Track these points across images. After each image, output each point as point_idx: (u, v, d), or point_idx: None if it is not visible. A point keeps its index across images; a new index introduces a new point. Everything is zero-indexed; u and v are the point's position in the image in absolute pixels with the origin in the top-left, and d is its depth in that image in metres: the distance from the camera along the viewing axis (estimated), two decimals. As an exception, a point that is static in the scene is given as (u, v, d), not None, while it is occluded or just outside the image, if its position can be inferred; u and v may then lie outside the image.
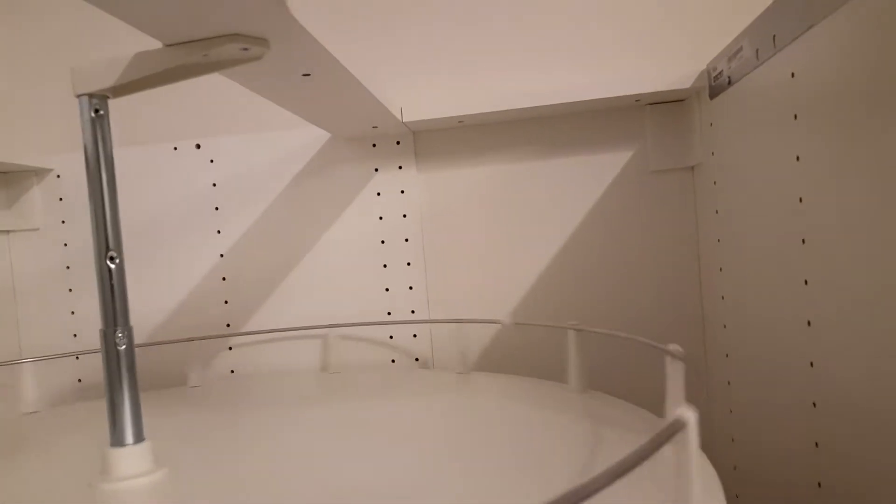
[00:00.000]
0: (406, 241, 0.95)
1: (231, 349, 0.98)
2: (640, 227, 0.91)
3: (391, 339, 0.96)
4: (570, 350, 0.70)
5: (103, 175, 0.48)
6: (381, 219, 0.96)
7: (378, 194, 0.95)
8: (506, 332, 0.93)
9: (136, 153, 0.99)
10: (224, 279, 0.98)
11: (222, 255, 0.98)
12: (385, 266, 0.96)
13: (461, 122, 0.90)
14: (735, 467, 0.80)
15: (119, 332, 0.48)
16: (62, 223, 1.00)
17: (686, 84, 0.81)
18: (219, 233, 0.98)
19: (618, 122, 0.91)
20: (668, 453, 0.34)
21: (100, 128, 0.49)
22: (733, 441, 0.80)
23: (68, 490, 0.53)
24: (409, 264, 0.95)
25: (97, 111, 0.49)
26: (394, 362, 0.96)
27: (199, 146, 0.98)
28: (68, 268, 1.00)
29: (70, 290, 1.00)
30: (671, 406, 0.53)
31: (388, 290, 0.96)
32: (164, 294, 0.99)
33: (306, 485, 0.50)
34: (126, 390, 0.48)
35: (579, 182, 0.92)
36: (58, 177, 1.00)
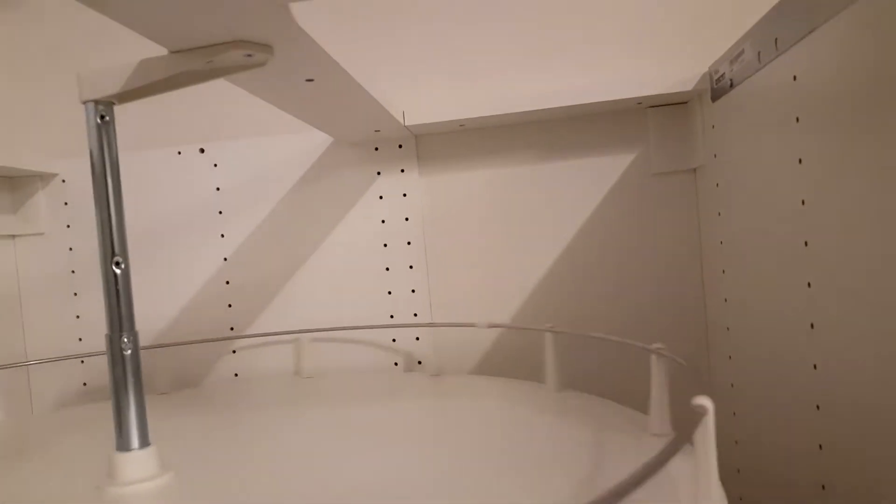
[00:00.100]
0: (408, 244, 0.95)
1: (234, 352, 0.99)
2: (642, 229, 0.91)
3: (394, 342, 0.96)
4: (547, 352, 0.74)
5: (109, 181, 0.49)
6: (383, 222, 0.96)
7: (380, 198, 0.96)
8: (507, 334, 0.94)
9: (141, 158, 0.99)
10: (227, 283, 0.98)
11: (226, 259, 0.98)
12: (387, 269, 0.96)
13: (463, 125, 0.91)
14: (739, 470, 0.80)
15: (125, 338, 0.49)
16: (67, 227, 1.00)
17: (688, 87, 0.81)
18: (222, 236, 0.98)
19: (620, 124, 0.91)
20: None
21: (105, 134, 0.49)
22: (737, 443, 0.80)
23: (75, 494, 0.53)
24: (411, 267, 0.95)
25: (103, 117, 0.49)
26: (396, 365, 0.96)
27: (202, 150, 0.99)
28: (73, 272, 1.00)
29: (75, 295, 1.00)
30: (656, 403, 0.55)
31: (390, 294, 0.96)
32: (168, 297, 0.99)
33: (310, 487, 0.50)
34: (132, 395, 0.49)
35: (581, 185, 0.92)
36: (63, 181, 1.00)
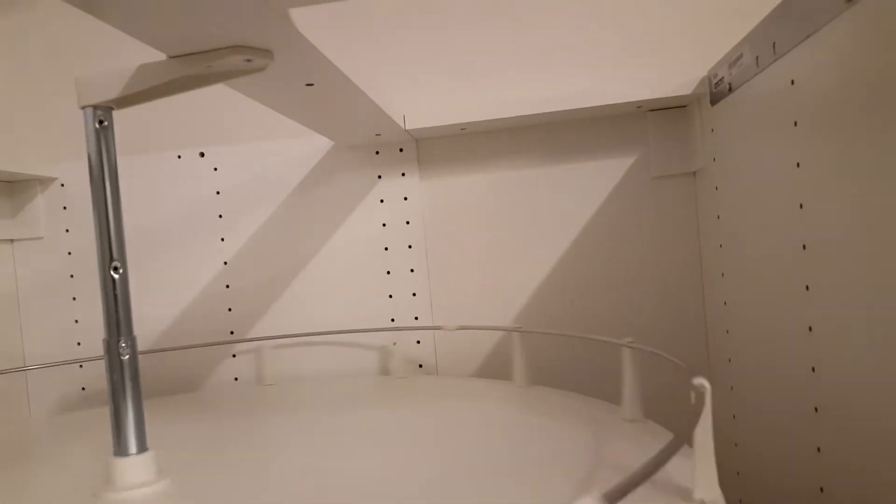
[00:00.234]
0: (409, 247, 0.95)
1: (235, 356, 0.99)
2: (642, 232, 0.91)
3: (394, 345, 0.96)
4: (515, 351, 0.78)
5: (107, 186, 0.49)
6: (384, 226, 0.96)
7: (381, 201, 0.96)
8: (508, 337, 0.93)
9: (141, 161, 0.99)
10: (228, 287, 0.98)
11: (226, 263, 0.98)
12: (388, 273, 0.96)
13: (463, 129, 0.91)
14: (738, 473, 0.80)
15: (122, 342, 0.49)
16: (66, 232, 1.00)
17: (687, 90, 0.81)
18: (222, 240, 0.98)
19: (620, 128, 0.91)
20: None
21: (104, 139, 0.49)
22: (736, 446, 0.80)
23: (71, 500, 0.53)
24: (412, 271, 0.95)
25: (101, 122, 0.49)
26: (396, 368, 0.96)
27: (202, 154, 0.99)
28: (72, 276, 1.00)
29: (74, 299, 1.00)
30: (627, 394, 0.60)
31: (391, 297, 0.96)
32: (168, 301, 0.99)
33: (309, 492, 0.50)
34: (129, 400, 0.49)
35: (582, 188, 0.92)
36: (62, 186, 1.00)
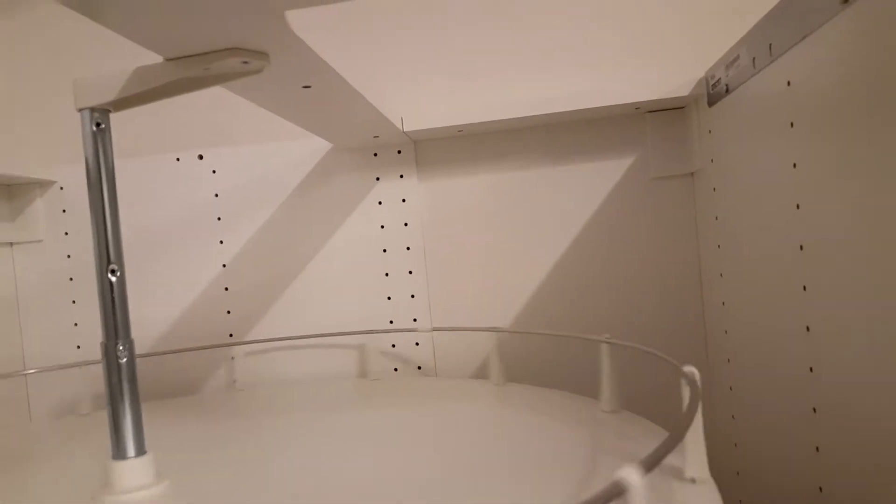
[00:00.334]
0: (408, 249, 0.95)
1: (234, 359, 0.99)
2: (641, 233, 0.91)
3: (393, 347, 0.96)
4: (492, 352, 0.82)
5: (104, 189, 0.49)
6: (382, 227, 0.96)
7: (379, 203, 0.96)
8: (509, 339, 0.93)
9: (139, 164, 0.99)
10: (226, 289, 0.98)
11: (225, 266, 0.98)
12: (387, 275, 0.96)
13: (461, 130, 0.91)
14: (738, 473, 0.80)
15: (120, 345, 0.49)
16: (65, 235, 1.00)
17: (685, 92, 0.82)
18: (221, 243, 0.98)
19: (618, 129, 0.91)
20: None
21: (101, 141, 0.49)
22: (736, 446, 0.80)
23: (70, 503, 0.53)
24: (410, 273, 0.95)
25: (99, 125, 0.50)
26: (396, 370, 0.96)
27: (201, 157, 0.99)
28: (72, 279, 1.00)
29: (73, 302, 1.00)
30: (605, 387, 0.64)
31: (389, 299, 0.96)
32: (167, 304, 0.99)
33: (309, 494, 0.50)
34: (127, 403, 0.49)
35: (580, 189, 0.92)
36: (61, 189, 1.01)
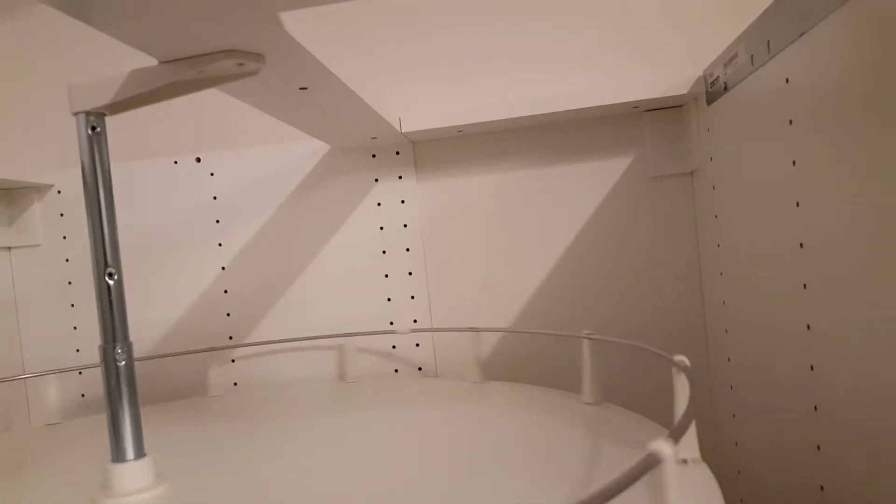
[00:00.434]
0: (407, 250, 0.95)
1: (234, 361, 0.98)
2: (640, 232, 0.91)
3: (394, 348, 0.96)
4: (470, 351, 0.84)
5: (101, 192, 0.49)
6: (381, 229, 0.96)
7: (378, 204, 0.96)
8: (509, 339, 0.93)
9: (137, 167, 0.99)
10: (226, 291, 0.98)
11: (224, 268, 0.98)
12: (386, 276, 0.96)
13: (460, 131, 0.91)
14: (739, 472, 0.80)
15: (118, 348, 0.48)
16: (63, 239, 1.00)
17: (683, 90, 0.81)
18: (220, 245, 0.98)
19: (616, 128, 0.91)
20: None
21: (97, 145, 0.49)
22: (737, 445, 0.80)
23: (71, 506, 0.53)
24: (410, 274, 0.95)
25: (94, 128, 0.49)
26: (397, 372, 0.96)
27: (199, 160, 0.99)
28: (70, 283, 1.00)
29: (72, 306, 1.00)
30: (587, 380, 0.67)
31: (389, 300, 0.96)
32: (166, 307, 0.99)
33: (309, 496, 0.50)
34: (126, 406, 0.49)
35: (579, 189, 0.92)
36: (58, 193, 1.00)
